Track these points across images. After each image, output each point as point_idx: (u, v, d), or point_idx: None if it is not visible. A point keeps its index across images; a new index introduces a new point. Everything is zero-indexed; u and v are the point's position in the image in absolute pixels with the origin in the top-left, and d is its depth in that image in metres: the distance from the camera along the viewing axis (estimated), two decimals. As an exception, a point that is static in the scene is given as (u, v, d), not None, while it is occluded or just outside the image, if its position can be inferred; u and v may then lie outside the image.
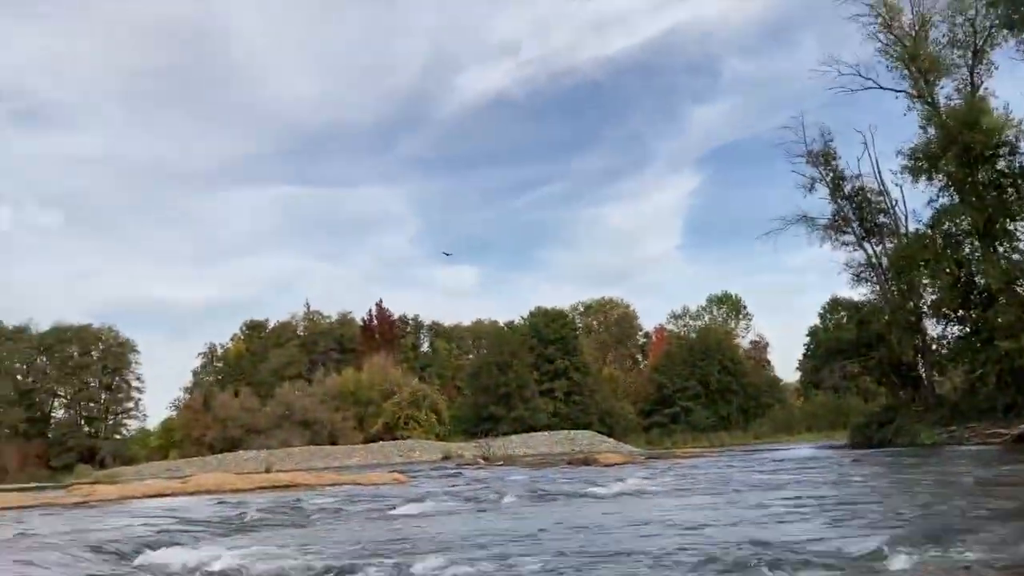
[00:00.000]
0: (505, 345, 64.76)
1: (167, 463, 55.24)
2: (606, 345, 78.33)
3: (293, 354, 72.62)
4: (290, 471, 32.78)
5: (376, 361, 65.08)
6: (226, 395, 62.15)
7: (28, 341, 66.91)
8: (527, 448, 53.67)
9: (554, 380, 65.03)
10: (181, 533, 10.82)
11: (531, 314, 69.80)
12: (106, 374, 67.97)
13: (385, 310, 75.38)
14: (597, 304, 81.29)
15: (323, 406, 60.85)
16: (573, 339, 67.55)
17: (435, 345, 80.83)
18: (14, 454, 56.21)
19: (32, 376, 67.14)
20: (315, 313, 79.28)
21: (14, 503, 19.85)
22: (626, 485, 16.41)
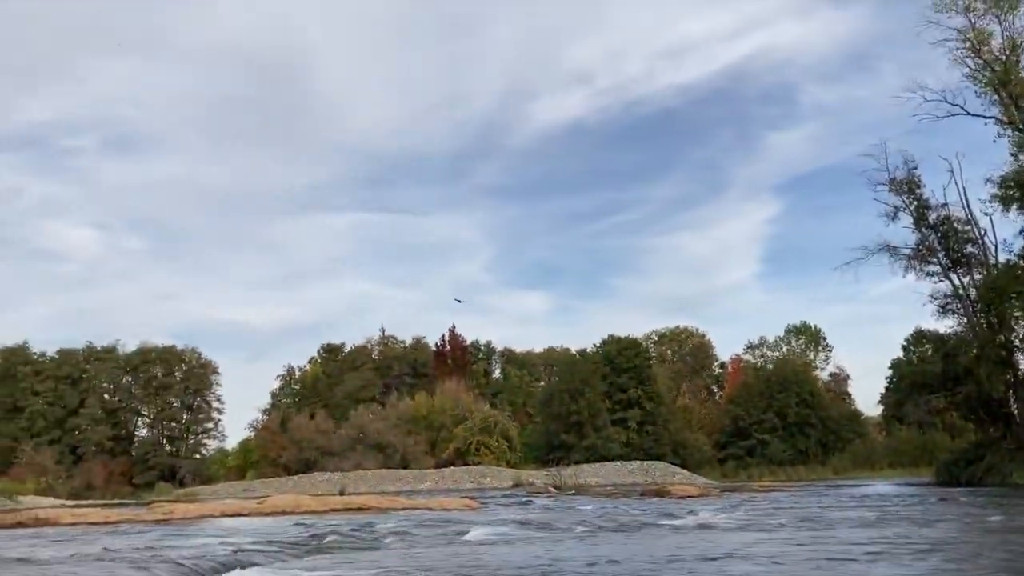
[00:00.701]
0: (577, 373, 64.40)
1: (244, 483, 56.35)
2: (680, 375, 77.26)
3: (368, 378, 73.54)
4: (363, 494, 33.07)
5: (448, 386, 65.44)
6: (302, 417, 63.22)
7: (115, 361, 69.27)
8: (598, 478, 53.15)
9: (627, 409, 64.32)
10: (258, 553, 10.99)
11: (604, 342, 69.32)
12: (188, 394, 69.86)
13: (458, 336, 75.91)
14: (671, 333, 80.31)
15: (396, 430, 61.37)
16: (646, 368, 66.79)
17: (507, 372, 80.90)
18: (100, 470, 58.10)
19: (118, 395, 69.45)
20: (389, 338, 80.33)
21: (99, 519, 20.50)
22: (701, 518, 16.09)
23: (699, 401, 75.39)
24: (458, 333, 75.79)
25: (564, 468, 50.94)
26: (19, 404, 65.41)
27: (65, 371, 67.15)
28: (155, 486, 58.01)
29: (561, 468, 50.52)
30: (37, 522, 19.70)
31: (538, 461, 60.10)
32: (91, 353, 69.22)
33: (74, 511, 22.41)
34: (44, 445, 60.09)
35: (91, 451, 62.75)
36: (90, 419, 64.88)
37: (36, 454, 56.12)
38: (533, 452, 63.68)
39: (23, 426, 64.03)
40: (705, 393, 78.41)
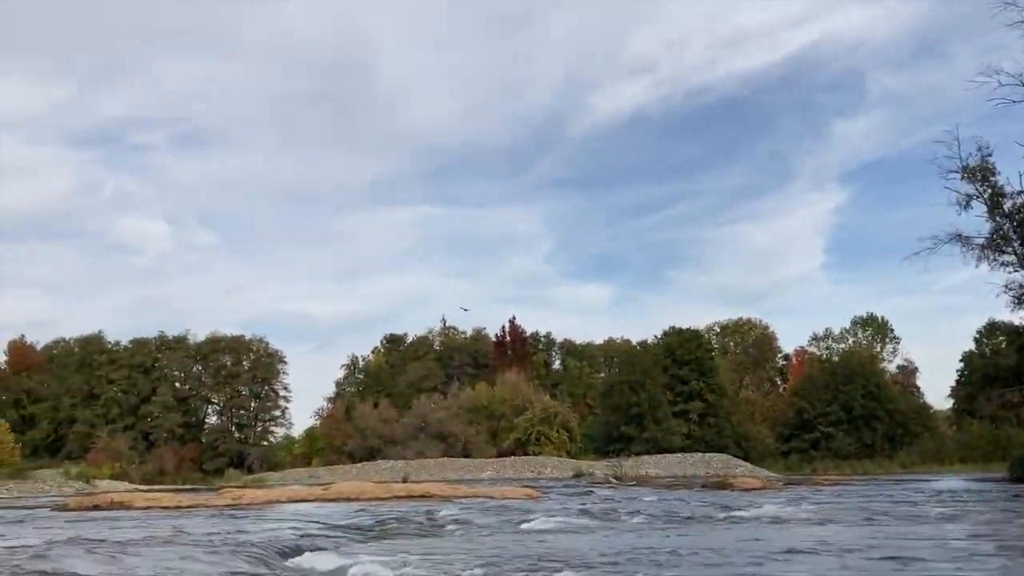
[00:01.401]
0: (638, 364, 63.98)
1: (309, 470, 57.43)
2: (743, 367, 76.24)
3: (429, 368, 74.21)
4: (425, 482, 33.46)
5: (509, 377, 65.66)
6: (366, 406, 64.12)
7: (186, 351, 71.16)
8: (659, 469, 52.86)
9: (688, 401, 63.75)
10: (324, 538, 11.26)
11: (665, 333, 68.74)
12: (256, 383, 71.41)
13: (518, 327, 76.02)
14: (734, 325, 79.27)
15: (457, 419, 61.84)
16: (708, 360, 66.05)
17: (567, 363, 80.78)
18: (171, 456, 59.79)
19: (189, 384, 71.35)
20: (451, 328, 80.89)
21: (171, 503, 21.14)
22: (764, 511, 15.94)
23: (762, 393, 74.36)
24: (518, 324, 75.95)
25: (625, 459, 50.71)
26: (95, 392, 67.67)
27: (138, 360, 69.22)
28: (224, 472, 59.47)
29: (622, 459, 50.30)
30: (112, 505, 20.40)
31: (598, 452, 59.96)
32: (163, 342, 71.24)
33: (147, 495, 23.16)
34: (119, 431, 62.06)
35: (163, 437, 64.62)
36: (162, 406, 66.78)
37: (111, 440, 57.95)
38: (593, 443, 63.56)
39: (99, 413, 66.25)
40: (768, 385, 77.31)
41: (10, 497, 33.69)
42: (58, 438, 66.97)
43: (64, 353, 71.92)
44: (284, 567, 8.66)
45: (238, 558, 8.94)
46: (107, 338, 71.83)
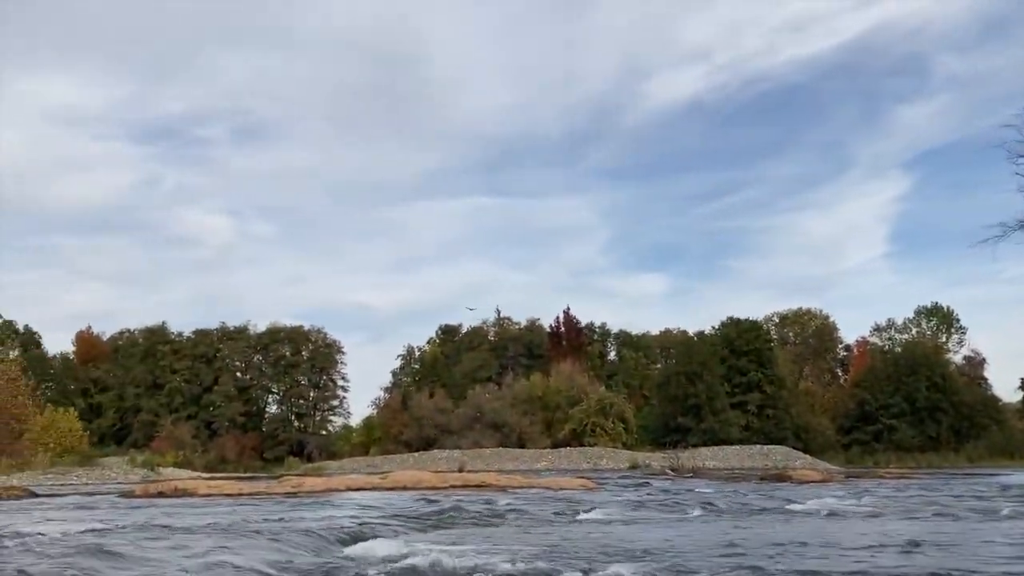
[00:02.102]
0: (695, 355, 63.42)
1: (367, 459, 58.13)
2: (802, 358, 75.07)
3: (484, 358, 74.52)
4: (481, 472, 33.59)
5: (563, 368, 65.59)
6: (422, 396, 64.66)
7: (247, 341, 72.51)
8: (717, 461, 52.34)
9: (746, 393, 63.03)
10: (382, 526, 11.36)
11: (722, 324, 68.03)
12: (314, 373, 72.47)
13: (572, 318, 75.87)
14: (793, 315, 78.08)
15: (512, 410, 62.01)
16: (767, 351, 65.18)
17: (622, 354, 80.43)
18: (233, 445, 61.05)
19: (250, 373, 72.70)
20: (505, 319, 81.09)
21: (233, 490, 21.57)
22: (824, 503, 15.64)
23: (822, 384, 73.13)
24: (573, 315, 75.85)
25: (681, 451, 50.34)
26: (159, 381, 69.38)
27: (200, 350, 70.74)
28: (284, 460, 60.50)
29: (678, 451, 49.95)
30: (176, 492, 20.89)
31: (654, 444, 59.64)
32: (224, 333, 72.67)
33: (210, 483, 23.65)
34: (182, 420, 63.55)
35: (225, 426, 66.00)
36: (223, 396, 68.18)
37: (175, 428, 59.38)
38: (649, 435, 63.23)
39: (163, 402, 67.92)
40: (829, 376, 76.02)
41: (78, 483, 34.74)
42: (124, 426, 68.86)
43: (129, 344, 73.87)
44: (343, 554, 8.75)
45: (298, 545, 9.06)
46: (170, 329, 73.63)
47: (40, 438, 46.78)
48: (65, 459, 45.55)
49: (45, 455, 44.40)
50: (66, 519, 13.06)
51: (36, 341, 71.09)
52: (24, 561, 7.13)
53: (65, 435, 49.95)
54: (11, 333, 67.04)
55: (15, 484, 28.33)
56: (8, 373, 46.51)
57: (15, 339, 66.62)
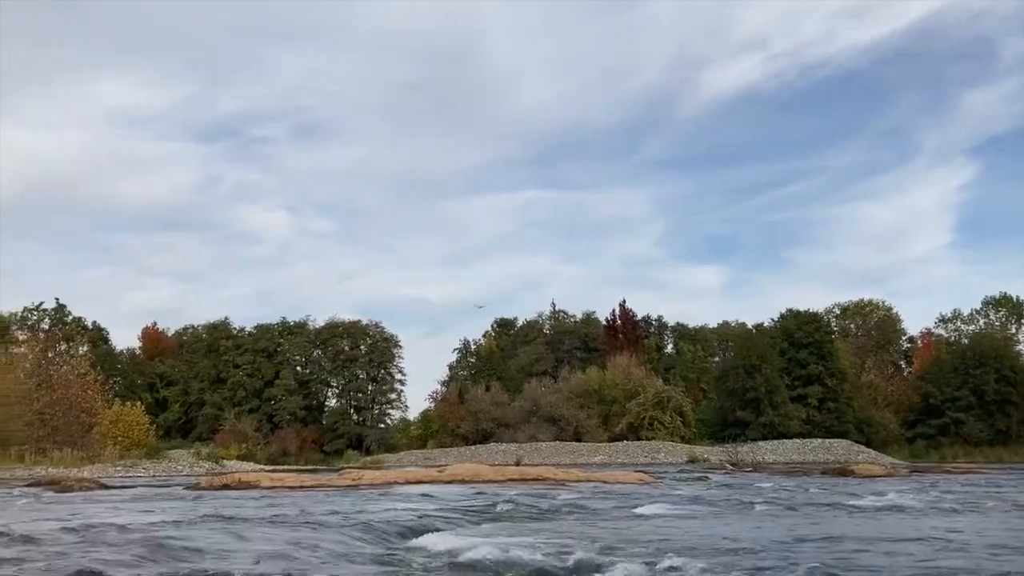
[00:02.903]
0: (753, 348, 62.62)
1: (425, 452, 58.72)
2: (864, 350, 73.55)
3: (540, 352, 74.59)
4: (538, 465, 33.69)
5: (620, 361, 65.33)
6: (478, 389, 65.00)
7: (306, 336, 73.67)
8: (776, 455, 51.70)
9: (807, 386, 62.03)
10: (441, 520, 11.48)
11: (782, 316, 67.04)
12: (372, 367, 73.33)
13: (628, 310, 75.52)
14: (854, 306, 76.56)
15: (568, 403, 61.99)
16: (828, 343, 64.04)
17: (680, 347, 79.81)
18: (293, 438, 62.15)
19: (309, 368, 73.89)
20: (560, 312, 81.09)
21: (295, 483, 21.96)
22: (887, 499, 15.34)
23: (885, 377, 71.56)
24: (628, 308, 75.49)
25: (741, 445, 49.78)
26: (222, 376, 70.87)
27: (262, 345, 72.05)
28: (344, 453, 61.43)
29: (737, 445, 49.40)
30: (240, 484, 21.33)
31: (712, 437, 59.10)
32: (284, 328, 73.94)
33: (272, 475, 24.09)
34: (244, 413, 64.84)
35: (286, 419, 67.17)
36: (284, 390, 69.40)
37: (238, 422, 60.61)
38: (707, 428, 62.67)
39: (226, 396, 69.37)
40: (892, 369, 74.35)
41: (146, 476, 35.73)
42: (188, 420, 70.55)
43: (193, 339, 75.58)
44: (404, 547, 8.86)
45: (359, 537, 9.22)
46: (232, 324, 75.11)
47: (109, 431, 48.16)
48: (133, 452, 46.88)
49: (114, 448, 45.73)
50: (136, 510, 13.45)
51: (104, 337, 73.13)
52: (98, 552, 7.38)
53: (133, 428, 51.36)
54: (80, 329, 69.05)
55: (86, 476, 29.27)
56: (78, 368, 47.96)
57: (84, 335, 68.59)
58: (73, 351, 54.11)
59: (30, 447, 41.59)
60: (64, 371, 47.20)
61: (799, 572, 6.62)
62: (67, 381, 45.94)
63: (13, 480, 28.61)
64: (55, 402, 44.29)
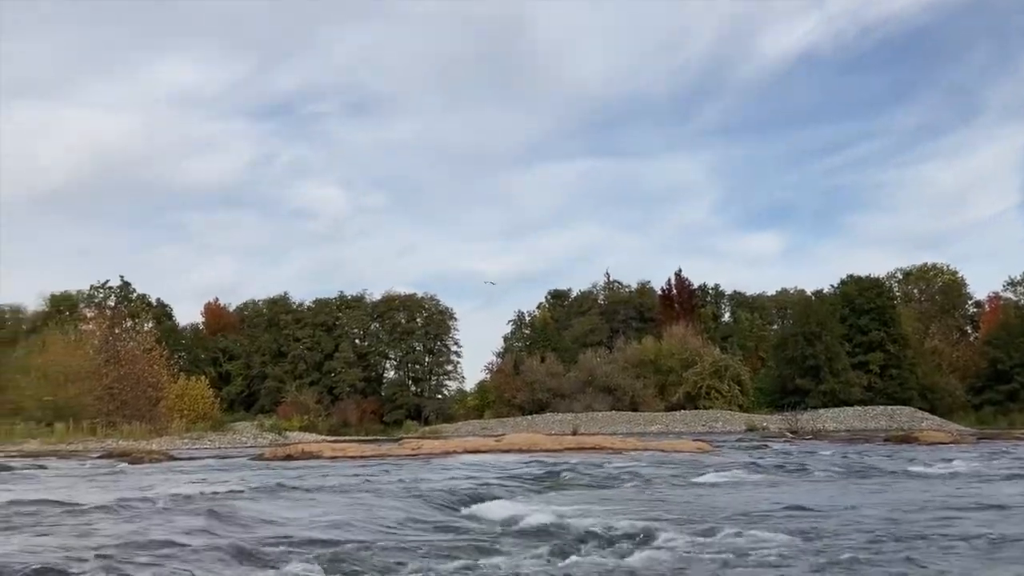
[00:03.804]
0: (813, 315, 61.58)
1: (482, 422, 59.21)
2: (928, 315, 71.82)
3: (594, 322, 74.39)
4: (594, 434, 33.74)
5: (676, 331, 64.85)
6: (533, 360, 65.18)
7: (363, 309, 74.62)
8: (837, 423, 50.99)
9: (868, 352, 60.90)
10: (499, 488, 11.59)
11: (842, 282, 65.79)
12: (429, 339, 74.04)
13: (684, 279, 74.79)
14: (917, 271, 74.72)
15: (624, 373, 61.83)
16: (890, 309, 62.67)
17: (737, 315, 78.91)
18: (354, 409, 63.16)
19: (368, 340, 74.90)
20: (615, 283, 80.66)
21: (356, 453, 22.38)
22: (953, 466, 15.06)
23: (950, 343, 69.87)
24: (684, 277, 74.78)
25: (800, 413, 49.20)
26: (283, 349, 72.20)
27: (321, 319, 73.15)
28: (402, 423, 62.26)
29: (797, 413, 48.83)
30: (304, 455, 21.78)
31: (771, 406, 58.46)
32: (342, 302, 74.96)
33: (334, 445, 24.56)
34: (305, 386, 66.03)
35: (346, 391, 68.27)
36: (344, 362, 70.48)
37: (299, 394, 61.77)
38: (766, 397, 62.00)
39: (287, 369, 70.70)
40: (957, 334, 72.53)
41: (212, 447, 36.69)
42: (251, 393, 72.09)
43: (254, 314, 77.01)
44: (464, 514, 8.98)
45: (420, 505, 9.36)
46: (292, 299, 76.33)
47: (175, 405, 49.47)
48: (198, 425, 48.11)
49: (180, 421, 46.99)
50: (204, 480, 13.84)
51: (168, 313, 74.90)
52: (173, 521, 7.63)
53: (197, 402, 52.68)
54: (145, 306, 70.80)
55: (155, 448, 30.16)
56: (144, 344, 49.27)
57: (149, 312, 70.34)
58: (139, 327, 55.49)
59: (101, 420, 42.97)
60: (131, 347, 48.51)
61: (863, 538, 6.55)
62: (134, 357, 47.22)
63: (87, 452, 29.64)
64: (123, 377, 45.59)
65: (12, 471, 17.73)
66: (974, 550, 6.02)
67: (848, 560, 5.59)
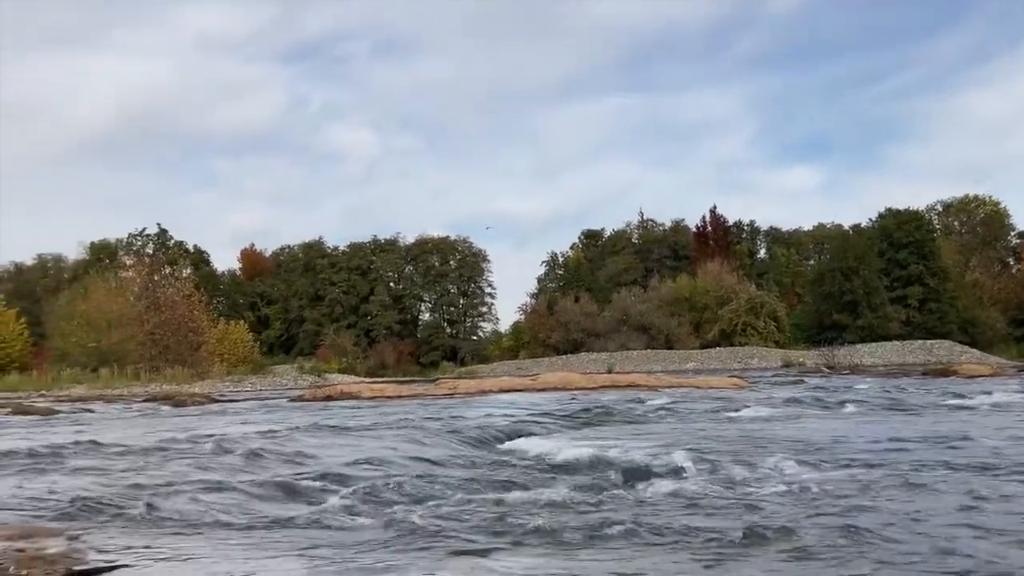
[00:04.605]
0: (851, 250, 60.84)
1: (516, 362, 59.68)
2: (969, 248, 70.62)
3: (628, 261, 74.18)
4: (629, 372, 33.85)
5: (711, 268, 64.47)
6: (567, 300, 65.30)
7: (397, 252, 75.10)
8: (875, 358, 50.68)
9: (907, 287, 60.19)
10: (534, 424, 11.70)
11: (880, 216, 64.79)
12: (463, 281, 74.48)
13: (719, 216, 74.05)
14: (959, 203, 73.23)
15: (659, 312, 61.76)
16: (929, 242, 61.71)
17: (773, 251, 78.16)
18: (390, 351, 63.98)
19: (402, 283, 75.54)
20: (649, 221, 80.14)
21: (393, 393, 22.66)
22: (994, 398, 14.91)
23: (992, 275, 68.76)
24: (719, 214, 74.03)
25: (837, 348, 48.87)
26: (320, 293, 73.07)
27: (355, 263, 73.77)
28: (439, 364, 63.00)
29: (834, 348, 48.51)
30: (343, 395, 22.11)
31: (808, 342, 58.16)
32: (376, 246, 75.46)
33: (372, 386, 24.87)
34: (343, 329, 66.91)
35: (382, 334, 69.12)
36: (379, 305, 71.22)
37: (337, 337, 62.62)
38: (802, 333, 61.69)
39: (324, 312, 71.64)
40: (999, 266, 71.32)
41: (253, 390, 37.41)
42: (290, 336, 73.24)
43: (290, 259, 77.85)
44: (501, 449, 9.09)
45: (457, 441, 9.49)
46: (326, 243, 76.98)
47: (216, 349, 50.41)
48: (239, 368, 49.06)
49: (221, 365, 47.93)
50: (246, 421, 14.13)
51: (205, 260, 75.92)
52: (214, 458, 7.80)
53: (237, 346, 53.62)
54: (182, 253, 71.78)
55: (197, 392, 30.83)
56: (183, 290, 50.06)
57: (186, 258, 71.32)
58: (177, 274, 56.37)
59: (144, 366, 43.95)
60: (170, 293, 49.33)
61: (903, 467, 6.54)
62: (173, 302, 48.04)
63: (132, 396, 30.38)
64: (164, 323, 46.46)
65: (59, 415, 18.23)
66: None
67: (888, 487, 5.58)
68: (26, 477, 6.69)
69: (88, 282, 51.93)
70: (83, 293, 49.80)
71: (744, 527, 4.34)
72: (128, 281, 53.11)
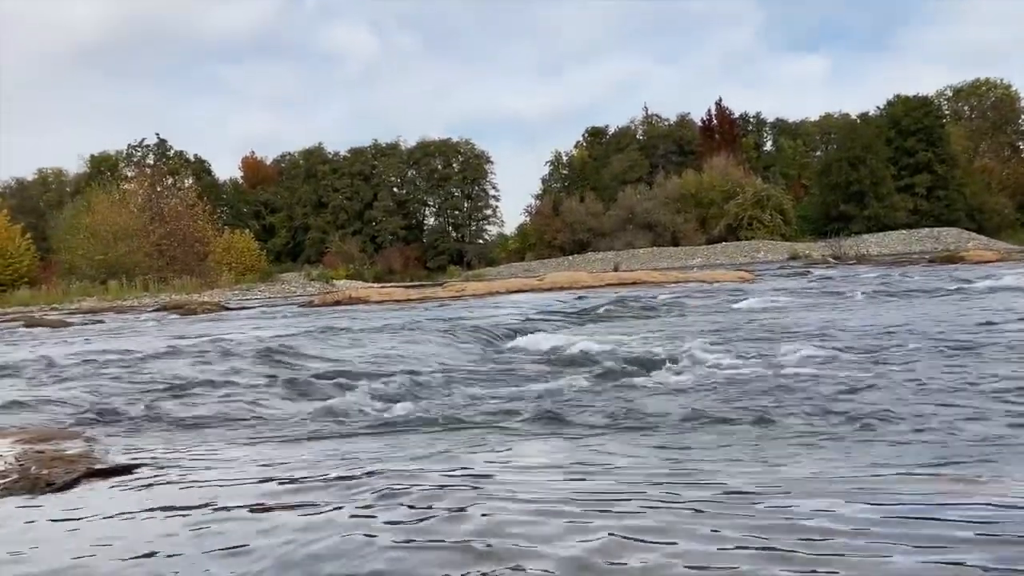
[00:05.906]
0: (858, 139, 60.06)
1: (523, 264, 59.84)
2: (979, 133, 69.59)
3: (633, 158, 73.44)
4: (636, 270, 33.90)
5: (717, 162, 63.85)
6: (572, 200, 65.00)
7: (399, 156, 74.40)
8: (882, 247, 50.64)
9: (914, 175, 59.63)
10: (542, 322, 11.77)
11: (888, 103, 63.66)
12: (466, 184, 73.99)
13: (725, 109, 72.92)
14: (969, 87, 71.80)
15: (664, 208, 61.52)
16: (939, 128, 60.80)
17: (779, 143, 77.22)
18: (397, 256, 64.22)
19: (405, 188, 75.12)
20: (654, 116, 78.99)
21: (402, 296, 22.81)
22: (1002, 282, 14.90)
23: (1001, 160, 68.01)
24: (725, 106, 72.90)
25: (843, 238, 48.84)
26: (323, 200, 72.84)
27: (357, 168, 73.25)
28: (446, 268, 63.24)
29: (840, 238, 48.48)
30: (351, 300, 22.27)
31: (815, 234, 58.08)
32: (378, 150, 74.76)
33: (380, 290, 25.03)
34: (349, 236, 67.00)
35: (388, 239, 69.20)
36: (384, 211, 71.04)
37: (343, 244, 62.73)
38: (809, 225, 61.52)
39: (329, 219, 71.57)
40: (1009, 151, 70.46)
41: (262, 298, 37.65)
42: (296, 244, 73.39)
43: (291, 166, 77.34)
44: (509, 346, 9.18)
45: (466, 339, 9.57)
46: (327, 149, 76.25)
47: (223, 259, 50.56)
48: (247, 277, 49.29)
49: (229, 274, 48.13)
50: (259, 326, 14.25)
51: (207, 169, 75.46)
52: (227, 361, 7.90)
53: (244, 255, 53.76)
54: (183, 163, 71.28)
55: (207, 300, 31.05)
56: (186, 200, 49.90)
57: (188, 168, 70.86)
58: (179, 184, 56.09)
59: (152, 277, 44.18)
60: (173, 204, 49.21)
61: (908, 347, 6.58)
62: (178, 213, 47.97)
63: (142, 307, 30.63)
64: (169, 234, 46.50)
65: (72, 326, 18.42)
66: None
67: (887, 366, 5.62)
68: (42, 384, 6.79)
69: (91, 195, 51.75)
70: (86, 207, 49.69)
71: (768, 408, 4.39)
72: (131, 193, 52.90)
